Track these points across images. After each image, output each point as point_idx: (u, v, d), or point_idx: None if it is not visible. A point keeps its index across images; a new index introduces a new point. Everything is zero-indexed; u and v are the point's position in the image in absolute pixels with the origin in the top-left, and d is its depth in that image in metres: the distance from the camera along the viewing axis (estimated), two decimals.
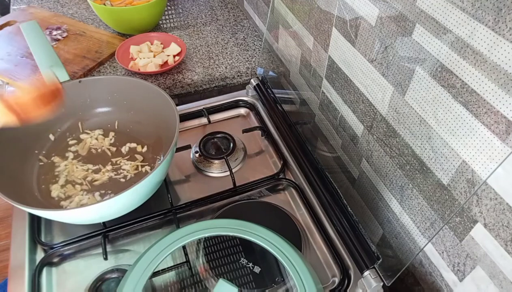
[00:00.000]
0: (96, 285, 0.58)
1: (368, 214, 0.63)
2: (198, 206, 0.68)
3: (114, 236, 0.65)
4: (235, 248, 0.61)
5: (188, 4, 1.25)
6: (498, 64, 0.36)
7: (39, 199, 0.65)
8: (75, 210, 0.55)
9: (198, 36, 1.10)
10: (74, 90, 0.73)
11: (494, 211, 0.42)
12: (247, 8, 1.17)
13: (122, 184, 0.69)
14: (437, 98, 0.44)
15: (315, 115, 0.75)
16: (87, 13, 1.17)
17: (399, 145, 0.52)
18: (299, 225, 0.67)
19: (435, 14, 0.42)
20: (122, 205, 0.59)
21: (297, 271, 0.51)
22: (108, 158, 0.72)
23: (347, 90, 0.62)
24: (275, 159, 0.78)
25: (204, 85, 0.95)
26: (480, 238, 0.45)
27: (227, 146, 0.78)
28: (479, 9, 0.37)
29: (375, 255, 0.59)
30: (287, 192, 0.73)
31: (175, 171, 0.75)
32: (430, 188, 0.49)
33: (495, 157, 0.39)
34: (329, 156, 0.73)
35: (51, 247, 0.62)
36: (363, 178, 0.63)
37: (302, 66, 0.76)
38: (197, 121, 0.85)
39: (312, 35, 0.69)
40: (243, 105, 0.89)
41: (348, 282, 0.59)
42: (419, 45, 0.45)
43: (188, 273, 0.60)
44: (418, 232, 0.53)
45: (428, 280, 0.57)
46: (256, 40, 1.09)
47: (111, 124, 0.77)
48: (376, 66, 0.53)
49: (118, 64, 0.97)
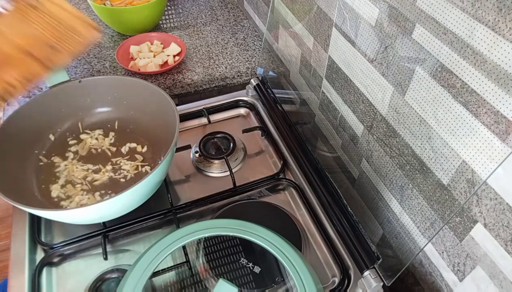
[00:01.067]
0: (96, 285, 0.58)
1: (368, 214, 0.63)
2: (198, 206, 0.68)
3: (114, 236, 0.65)
4: (235, 248, 0.61)
5: (188, 4, 1.25)
6: (498, 64, 0.36)
7: (39, 199, 0.65)
8: (75, 210, 0.55)
9: (198, 36, 1.10)
10: (74, 90, 0.73)
11: (494, 211, 0.42)
12: (247, 8, 1.17)
13: (122, 184, 0.69)
14: (437, 98, 0.44)
15: (315, 115, 0.75)
16: (87, 13, 1.17)
17: (399, 145, 0.52)
18: (299, 225, 0.67)
19: (435, 14, 0.42)
20: (122, 205, 0.59)
21: (297, 271, 0.51)
22: (108, 158, 0.72)
23: (347, 90, 0.62)
24: (275, 159, 0.78)
25: (204, 85, 0.95)
26: (480, 238, 0.45)
27: (227, 146, 0.78)
28: (479, 9, 0.37)
29: (375, 255, 0.59)
30: (287, 192, 0.73)
31: (175, 171, 0.75)
32: (430, 188, 0.49)
33: (495, 157, 0.39)
34: (329, 156, 0.73)
35: (51, 247, 0.62)
36: (363, 178, 0.63)
37: (302, 66, 0.76)
38: (197, 121, 0.85)
39: (312, 35, 0.69)
40: (243, 105, 0.89)
41: (348, 282, 0.59)
42: (419, 45, 0.45)
43: (188, 273, 0.60)
44: (418, 232, 0.53)
45: (428, 280, 0.57)
46: (256, 40, 1.09)
47: (111, 124, 0.77)
48: (376, 66, 0.53)
49: (118, 64, 0.97)
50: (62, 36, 0.62)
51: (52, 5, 0.64)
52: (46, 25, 0.62)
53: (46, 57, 0.61)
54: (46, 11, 0.63)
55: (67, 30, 0.63)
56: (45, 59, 0.61)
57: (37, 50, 0.61)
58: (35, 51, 0.61)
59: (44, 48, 0.62)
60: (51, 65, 0.61)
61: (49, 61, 0.61)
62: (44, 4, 0.64)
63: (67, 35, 0.63)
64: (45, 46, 0.62)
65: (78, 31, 0.64)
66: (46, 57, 0.61)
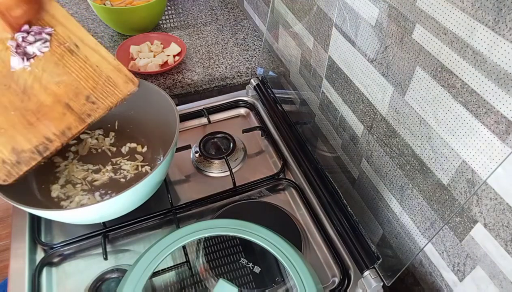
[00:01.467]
0: (96, 285, 0.58)
1: (368, 214, 0.63)
2: (198, 206, 0.68)
3: (114, 236, 0.65)
4: (235, 248, 0.61)
5: (188, 4, 1.25)
6: (498, 64, 0.36)
7: (39, 199, 0.65)
8: (75, 210, 0.55)
9: (198, 36, 1.10)
10: None
11: (494, 211, 0.42)
12: (247, 8, 1.17)
13: (122, 184, 0.69)
14: (437, 98, 0.44)
15: (315, 115, 0.75)
16: (87, 13, 1.17)
17: (399, 145, 0.52)
18: (299, 225, 0.67)
19: (435, 14, 0.42)
20: (122, 205, 0.59)
21: (297, 271, 0.51)
22: (108, 158, 0.72)
23: (347, 90, 0.62)
24: (275, 159, 0.78)
25: (204, 85, 0.95)
26: (480, 238, 0.45)
27: (227, 146, 0.78)
28: (479, 9, 0.37)
29: (375, 255, 0.59)
30: (287, 192, 0.73)
31: (175, 171, 0.75)
32: (430, 188, 0.49)
33: (495, 157, 0.39)
34: (329, 156, 0.73)
35: (51, 247, 0.62)
36: (363, 178, 0.63)
37: (302, 66, 0.76)
38: (197, 121, 0.85)
39: (312, 35, 0.69)
40: (243, 105, 0.89)
41: (348, 282, 0.59)
42: (419, 45, 0.45)
43: (188, 273, 0.60)
44: (418, 232, 0.53)
45: (428, 280, 0.57)
46: (256, 40, 1.09)
47: (111, 124, 0.77)
48: (376, 66, 0.53)
49: None
50: (98, 86, 0.60)
51: (90, 51, 0.61)
52: (82, 73, 0.60)
53: (84, 111, 0.59)
54: (84, 57, 0.61)
55: (104, 80, 0.60)
56: (83, 114, 0.59)
57: (75, 102, 0.59)
58: (73, 103, 0.59)
59: (81, 100, 0.59)
60: (88, 120, 0.59)
61: (86, 116, 0.59)
62: (82, 49, 0.61)
63: (103, 86, 0.60)
64: (82, 97, 0.59)
65: (115, 82, 0.61)
66: (84, 112, 0.59)
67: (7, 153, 0.56)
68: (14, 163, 0.56)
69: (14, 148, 0.56)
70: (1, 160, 0.55)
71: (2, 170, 0.55)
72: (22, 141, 0.56)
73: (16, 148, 0.56)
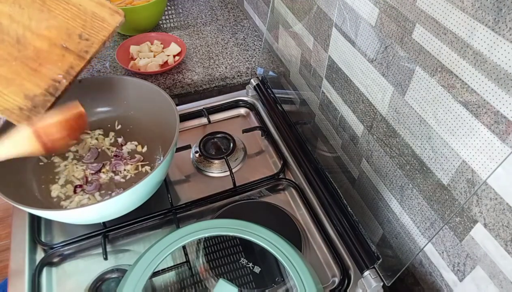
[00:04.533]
0: (96, 285, 0.58)
1: (368, 214, 0.63)
2: (198, 206, 0.68)
3: (114, 236, 0.65)
4: (235, 248, 0.61)
5: (188, 4, 1.25)
6: (498, 64, 0.36)
7: (39, 199, 0.65)
8: (75, 210, 0.55)
9: (198, 36, 1.10)
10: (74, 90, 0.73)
11: (494, 211, 0.42)
12: (247, 8, 1.17)
13: (122, 184, 0.69)
14: (437, 98, 0.44)
15: (315, 115, 0.75)
16: None
17: (399, 145, 0.52)
18: (299, 225, 0.67)
19: (435, 14, 0.42)
20: (122, 205, 0.59)
21: (297, 271, 0.51)
22: (108, 158, 0.72)
23: (347, 90, 0.62)
24: (275, 159, 0.78)
25: (204, 85, 0.95)
26: (480, 238, 0.45)
27: (227, 146, 0.78)
28: (479, 9, 0.37)
29: (375, 255, 0.59)
30: (287, 192, 0.73)
31: (175, 171, 0.75)
32: (430, 188, 0.49)
33: (495, 157, 0.39)
34: (329, 156, 0.73)
35: (51, 247, 0.62)
36: (363, 178, 0.63)
37: (302, 66, 0.76)
38: (197, 121, 0.85)
39: (312, 35, 0.69)
40: (243, 105, 0.89)
41: (348, 282, 0.59)
42: (419, 45, 0.45)
43: (188, 273, 0.60)
44: (418, 232, 0.53)
45: (428, 280, 0.57)
46: (256, 40, 1.09)
47: (111, 124, 0.77)
48: (376, 66, 0.53)
49: (118, 64, 0.97)
50: (87, 24, 0.61)
51: None
52: (68, 14, 0.61)
53: (80, 49, 0.60)
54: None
55: (91, 17, 0.61)
56: (80, 51, 0.60)
57: (69, 42, 0.60)
58: (68, 44, 0.60)
59: (75, 39, 0.61)
60: (87, 56, 0.61)
61: (84, 53, 0.60)
62: None
63: (92, 22, 0.61)
64: (75, 36, 0.61)
65: (101, 17, 0.62)
66: (80, 49, 0.60)
67: (21, 100, 0.58)
68: (30, 108, 0.58)
69: (26, 95, 0.58)
70: (18, 108, 0.57)
71: (22, 116, 0.58)
72: (31, 87, 0.58)
73: (28, 94, 0.58)
